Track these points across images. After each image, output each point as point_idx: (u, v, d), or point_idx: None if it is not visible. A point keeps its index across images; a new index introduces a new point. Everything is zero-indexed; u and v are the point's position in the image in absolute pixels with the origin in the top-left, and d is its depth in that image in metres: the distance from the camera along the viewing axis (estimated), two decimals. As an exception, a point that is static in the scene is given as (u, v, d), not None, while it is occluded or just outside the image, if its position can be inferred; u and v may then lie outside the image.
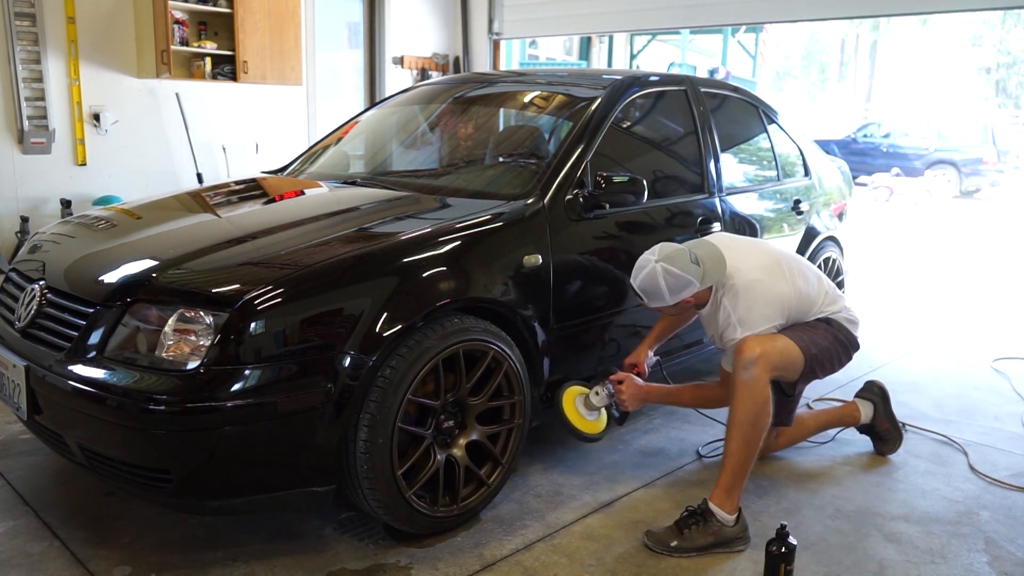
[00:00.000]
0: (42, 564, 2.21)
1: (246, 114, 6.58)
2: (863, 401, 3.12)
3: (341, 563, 2.26)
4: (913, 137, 15.62)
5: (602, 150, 2.94)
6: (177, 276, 2.20)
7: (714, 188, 3.42)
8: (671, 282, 2.50)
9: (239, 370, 2.00)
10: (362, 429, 2.14)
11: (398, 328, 2.18)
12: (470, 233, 2.49)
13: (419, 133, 3.69)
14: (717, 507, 2.41)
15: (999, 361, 4.38)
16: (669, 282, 2.50)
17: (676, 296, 2.54)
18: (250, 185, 3.38)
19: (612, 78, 3.27)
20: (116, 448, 2.09)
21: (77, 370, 2.10)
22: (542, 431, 3.09)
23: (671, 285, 2.51)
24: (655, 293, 2.54)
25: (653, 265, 2.52)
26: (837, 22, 20.92)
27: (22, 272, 2.59)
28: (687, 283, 2.51)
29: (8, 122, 5.35)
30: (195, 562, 2.24)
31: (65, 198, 5.57)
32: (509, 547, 2.37)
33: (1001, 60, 27.40)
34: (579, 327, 2.81)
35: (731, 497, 2.44)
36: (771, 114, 4.04)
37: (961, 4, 5.78)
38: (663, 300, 2.55)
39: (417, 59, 7.88)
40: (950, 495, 2.80)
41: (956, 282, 6.80)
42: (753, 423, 2.46)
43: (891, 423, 3.10)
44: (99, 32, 5.68)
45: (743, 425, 2.46)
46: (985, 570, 2.35)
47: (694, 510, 2.44)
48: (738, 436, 2.46)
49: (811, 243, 4.04)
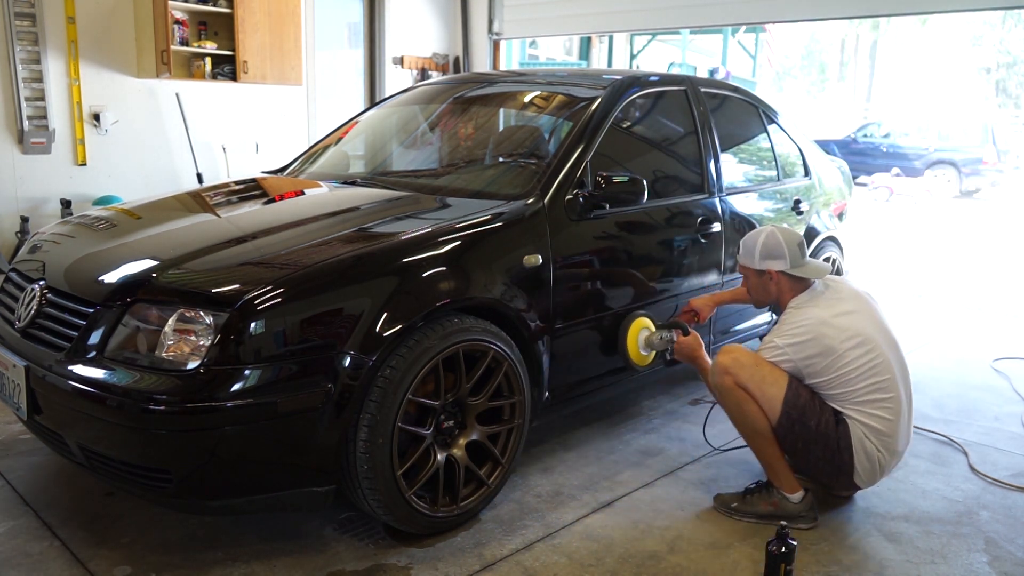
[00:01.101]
0: (42, 564, 2.21)
1: (246, 114, 6.58)
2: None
3: (341, 563, 2.26)
4: (913, 137, 15.62)
5: (602, 150, 2.94)
6: (177, 276, 2.20)
7: (714, 188, 3.42)
8: (770, 243, 2.59)
9: (239, 370, 2.00)
10: (362, 429, 2.14)
11: (398, 328, 2.18)
12: (470, 233, 2.49)
13: (419, 133, 3.69)
14: (777, 486, 2.56)
15: (999, 361, 4.38)
16: (768, 242, 2.59)
17: (763, 261, 2.60)
18: (250, 185, 3.38)
19: (612, 78, 3.27)
20: (116, 448, 2.09)
21: (77, 370, 2.10)
22: (542, 431, 3.10)
23: (767, 245, 2.59)
24: (750, 246, 2.65)
25: (768, 227, 2.65)
26: (837, 22, 20.92)
27: (22, 272, 2.59)
28: (780, 254, 2.57)
29: (8, 122, 5.35)
30: (195, 562, 2.24)
31: (65, 198, 5.56)
32: (509, 547, 2.37)
33: (1001, 60, 27.39)
34: (579, 327, 2.81)
35: (781, 480, 2.54)
36: (771, 114, 4.04)
37: (961, 4, 5.78)
38: (752, 257, 2.64)
39: (417, 59, 7.88)
40: (950, 495, 2.80)
41: (956, 282, 6.80)
42: (741, 421, 2.57)
43: None
44: (99, 32, 5.67)
45: (736, 425, 2.63)
46: (985, 570, 2.35)
47: (761, 482, 2.63)
48: (741, 433, 2.62)
49: (811, 243, 4.04)
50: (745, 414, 2.53)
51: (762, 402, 2.50)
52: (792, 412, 2.47)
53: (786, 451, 2.54)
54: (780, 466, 2.55)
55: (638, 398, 3.61)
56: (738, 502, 2.60)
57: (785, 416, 2.47)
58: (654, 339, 2.92)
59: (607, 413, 3.43)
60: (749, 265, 2.67)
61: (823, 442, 2.48)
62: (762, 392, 2.49)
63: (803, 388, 2.51)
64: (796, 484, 2.55)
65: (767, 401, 2.49)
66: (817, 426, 2.47)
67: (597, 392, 3.04)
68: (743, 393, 2.51)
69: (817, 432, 2.47)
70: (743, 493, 2.63)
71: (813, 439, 2.48)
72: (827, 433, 2.48)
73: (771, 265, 2.59)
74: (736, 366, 2.51)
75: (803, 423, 2.47)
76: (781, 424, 2.49)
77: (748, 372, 2.50)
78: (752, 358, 2.54)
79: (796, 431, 2.48)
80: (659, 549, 2.40)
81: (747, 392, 2.50)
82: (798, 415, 2.47)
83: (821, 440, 2.48)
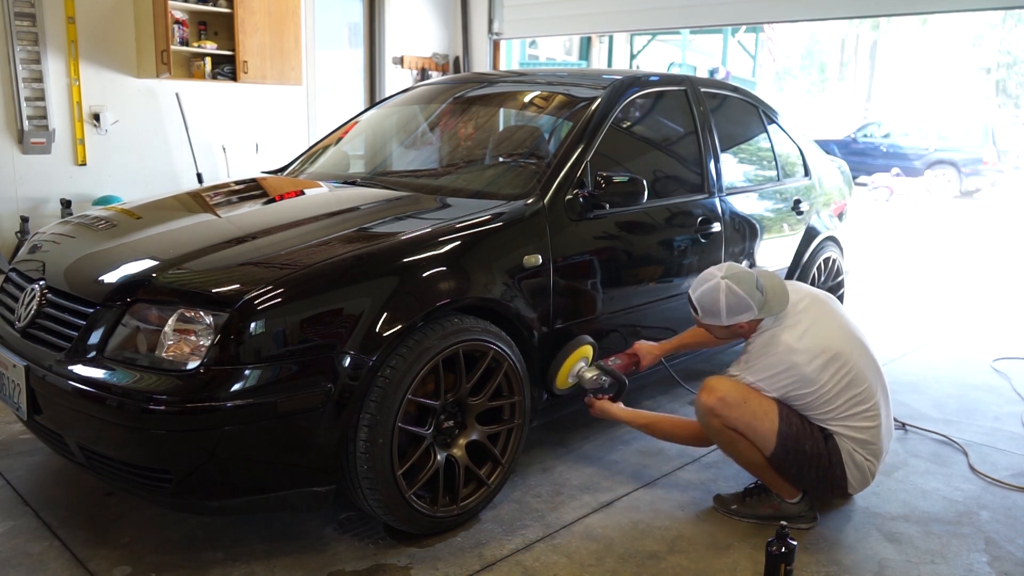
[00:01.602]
0: (42, 564, 2.21)
1: (246, 114, 6.58)
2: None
3: (341, 563, 2.26)
4: (913, 137, 15.62)
5: (602, 150, 2.94)
6: (177, 276, 2.20)
7: (714, 188, 3.42)
8: (732, 302, 2.42)
9: (239, 370, 2.00)
10: (362, 429, 2.14)
11: (398, 328, 2.18)
12: (470, 233, 2.49)
13: (419, 133, 3.69)
14: (776, 492, 2.56)
15: (999, 361, 4.38)
16: (730, 301, 2.42)
17: (731, 318, 2.45)
18: (250, 185, 3.38)
19: (612, 78, 3.27)
20: (116, 448, 2.09)
21: (77, 370, 2.10)
22: (542, 431, 3.10)
23: (731, 305, 2.43)
24: (712, 310, 2.46)
25: (718, 280, 2.45)
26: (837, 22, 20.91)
27: (22, 272, 2.59)
28: (747, 307, 2.42)
29: (8, 122, 5.35)
30: (195, 562, 2.24)
31: (65, 198, 5.57)
32: (509, 547, 2.37)
33: (1001, 60, 27.37)
34: (579, 327, 2.81)
35: (780, 488, 2.55)
36: (771, 114, 4.04)
37: (961, 4, 5.78)
38: (718, 319, 2.47)
39: (417, 59, 7.88)
40: (950, 495, 2.80)
41: (956, 282, 6.80)
42: (735, 456, 2.55)
43: None
44: (99, 32, 5.67)
45: (730, 456, 2.58)
46: (985, 570, 2.35)
47: (759, 484, 2.61)
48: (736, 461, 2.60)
49: (811, 243, 4.04)
50: (739, 452, 2.50)
51: (755, 440, 2.44)
52: (787, 442, 2.42)
53: (781, 476, 2.50)
54: (777, 480, 2.52)
55: (638, 398, 3.61)
56: (738, 504, 2.60)
57: (780, 448, 2.43)
58: (585, 375, 2.76)
59: (607, 413, 3.42)
60: (715, 324, 2.51)
61: (816, 462, 2.44)
62: (754, 431, 2.43)
63: (792, 414, 2.45)
64: (795, 490, 2.54)
65: (760, 438, 2.43)
66: (811, 448, 2.44)
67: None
68: (733, 433, 2.45)
69: (811, 455, 2.44)
70: (742, 495, 2.62)
71: (807, 462, 2.44)
72: (819, 453, 2.44)
73: (740, 319, 2.46)
74: (723, 407, 2.42)
75: (797, 449, 2.43)
76: (776, 455, 2.44)
77: (737, 412, 2.42)
78: (739, 394, 2.43)
79: (791, 459, 2.44)
80: (659, 549, 2.40)
81: (738, 432, 2.44)
82: (793, 444, 2.42)
83: (815, 461, 2.44)
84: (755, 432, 2.43)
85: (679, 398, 3.65)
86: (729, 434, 2.46)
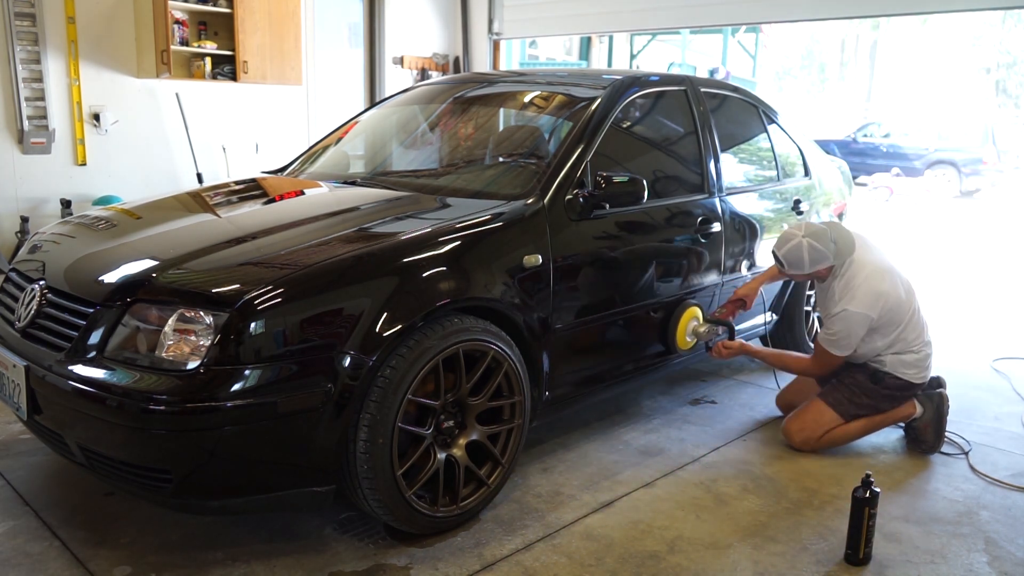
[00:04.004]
0: (42, 564, 2.21)
1: (246, 114, 6.58)
2: (920, 402, 3.16)
3: (341, 563, 2.26)
4: (913, 137, 15.61)
5: (602, 150, 2.94)
6: (177, 276, 2.20)
7: (714, 188, 3.42)
8: (813, 255, 2.94)
9: (239, 370, 2.00)
10: (362, 429, 2.14)
11: (398, 328, 2.18)
12: (470, 233, 2.49)
13: (419, 133, 3.69)
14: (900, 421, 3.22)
15: (999, 361, 4.38)
16: (812, 255, 2.94)
17: (813, 267, 2.97)
18: (250, 185, 3.38)
19: (612, 78, 3.27)
20: (116, 448, 2.09)
21: (77, 370, 2.10)
22: (542, 431, 3.10)
23: (812, 258, 2.95)
24: (797, 262, 2.97)
25: (800, 239, 2.95)
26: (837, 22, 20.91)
27: (22, 272, 2.59)
28: (824, 258, 2.95)
29: (8, 122, 5.35)
30: (195, 562, 2.24)
31: (65, 198, 5.57)
32: (509, 547, 2.37)
33: (1001, 60, 27.36)
34: (580, 327, 2.81)
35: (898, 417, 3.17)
36: (771, 114, 4.04)
37: (961, 4, 5.77)
38: (802, 269, 2.99)
39: (417, 59, 7.88)
40: (950, 495, 2.80)
41: (956, 282, 6.80)
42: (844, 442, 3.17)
43: (935, 435, 3.12)
44: (99, 32, 5.68)
45: None
46: (985, 570, 2.35)
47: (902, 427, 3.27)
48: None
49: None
50: (837, 444, 3.11)
51: (841, 435, 3.07)
52: (850, 409, 3.06)
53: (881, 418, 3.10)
54: (885, 419, 3.09)
55: (638, 398, 3.61)
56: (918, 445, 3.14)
57: (852, 416, 3.07)
58: (700, 330, 3.24)
59: (607, 413, 3.43)
60: (799, 273, 3.02)
61: (877, 401, 3.06)
62: (833, 441, 3.08)
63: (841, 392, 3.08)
64: (911, 407, 3.10)
65: (839, 439, 3.08)
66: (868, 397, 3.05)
67: (597, 392, 3.04)
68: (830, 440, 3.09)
69: (870, 401, 3.05)
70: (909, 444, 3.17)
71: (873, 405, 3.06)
72: (877, 395, 3.06)
73: (820, 267, 2.99)
74: (808, 445, 3.07)
75: (856, 403, 3.06)
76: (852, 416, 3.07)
77: (816, 441, 3.06)
78: (815, 430, 3.05)
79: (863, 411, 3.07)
80: (659, 549, 2.40)
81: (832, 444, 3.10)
82: (853, 403, 3.05)
83: (875, 401, 3.05)
84: (834, 441, 3.08)
85: (678, 398, 3.65)
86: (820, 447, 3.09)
